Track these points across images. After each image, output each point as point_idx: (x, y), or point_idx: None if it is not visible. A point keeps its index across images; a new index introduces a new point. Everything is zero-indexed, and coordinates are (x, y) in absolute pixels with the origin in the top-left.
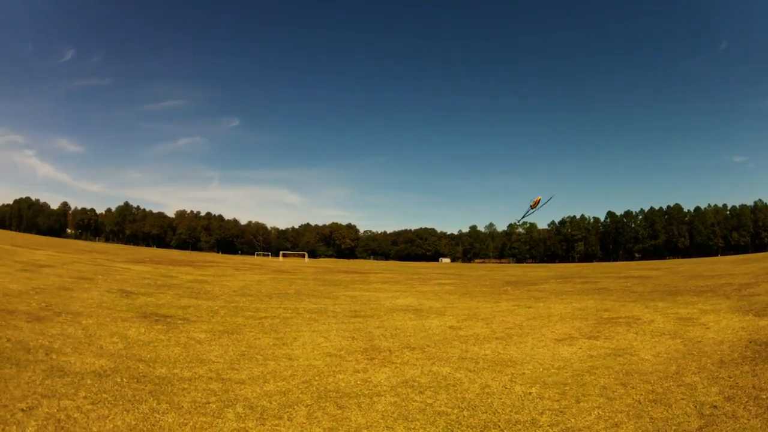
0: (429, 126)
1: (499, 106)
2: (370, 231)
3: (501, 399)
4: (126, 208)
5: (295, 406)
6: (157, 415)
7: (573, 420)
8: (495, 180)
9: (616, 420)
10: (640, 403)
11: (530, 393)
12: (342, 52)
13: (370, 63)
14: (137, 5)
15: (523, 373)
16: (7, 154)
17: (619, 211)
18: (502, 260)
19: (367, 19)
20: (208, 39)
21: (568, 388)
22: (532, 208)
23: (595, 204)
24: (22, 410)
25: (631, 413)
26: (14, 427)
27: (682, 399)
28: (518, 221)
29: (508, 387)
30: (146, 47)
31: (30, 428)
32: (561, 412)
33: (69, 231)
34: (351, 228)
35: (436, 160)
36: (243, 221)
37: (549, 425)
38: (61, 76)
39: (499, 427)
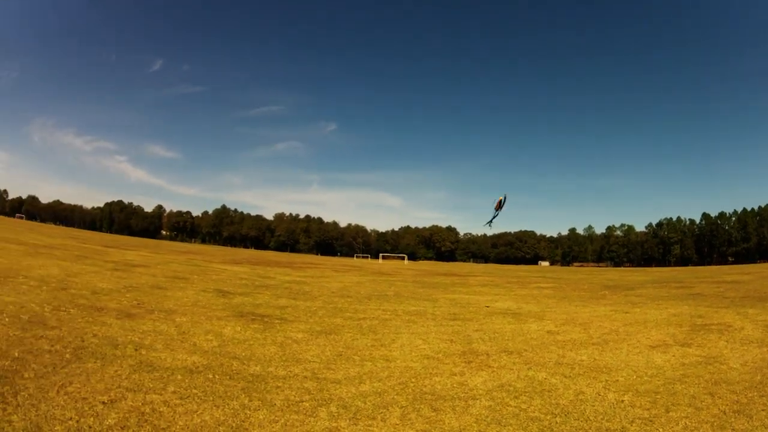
0: (528, 127)
1: (598, 105)
2: (469, 233)
3: (594, 406)
4: (223, 210)
5: (390, 407)
6: (248, 412)
7: (661, 430)
8: (594, 180)
9: (702, 430)
10: (725, 414)
11: (622, 401)
12: (439, 55)
13: (468, 65)
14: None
15: (617, 380)
16: (98, 160)
17: (713, 212)
18: (600, 264)
19: (465, 19)
20: (303, 45)
21: (659, 396)
22: (496, 210)
23: (691, 204)
24: (103, 403)
25: (715, 424)
26: (91, 419)
27: (763, 410)
28: (487, 224)
29: (602, 394)
30: (238, 55)
31: (110, 420)
32: (650, 421)
33: (164, 233)
34: (451, 230)
35: (535, 161)
36: (342, 224)
37: None
38: (150, 85)
39: None
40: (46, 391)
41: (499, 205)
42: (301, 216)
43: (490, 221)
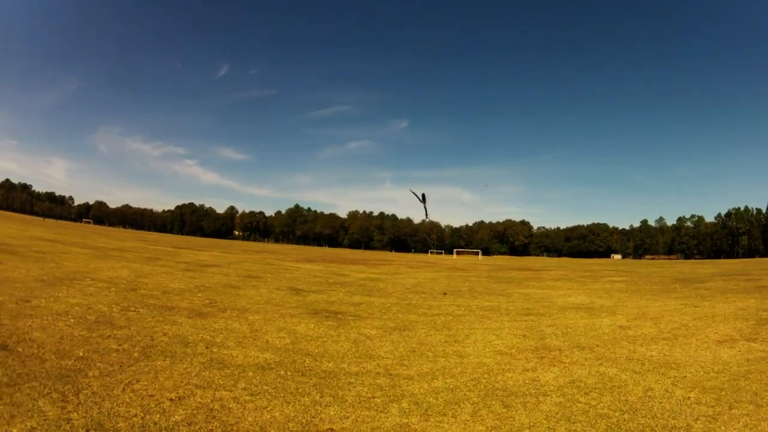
0: (599, 118)
1: (666, 94)
2: (543, 227)
3: (661, 403)
4: (296, 210)
5: (461, 404)
6: (319, 408)
7: (723, 428)
8: (664, 170)
9: (760, 429)
10: None
11: (689, 398)
12: (511, 48)
13: (543, 57)
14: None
15: (685, 377)
16: (167, 165)
17: None
18: (671, 256)
19: (538, 10)
20: (370, 43)
21: (723, 393)
22: (423, 203)
23: (758, 192)
24: (171, 400)
25: None
26: (157, 415)
27: None
28: (425, 218)
29: (670, 390)
30: (305, 57)
31: (177, 417)
32: (714, 418)
33: (236, 233)
34: (524, 225)
35: (607, 152)
36: (416, 220)
37: None
38: (217, 91)
39: None
40: (111, 389)
41: (423, 199)
42: (375, 213)
43: (425, 212)
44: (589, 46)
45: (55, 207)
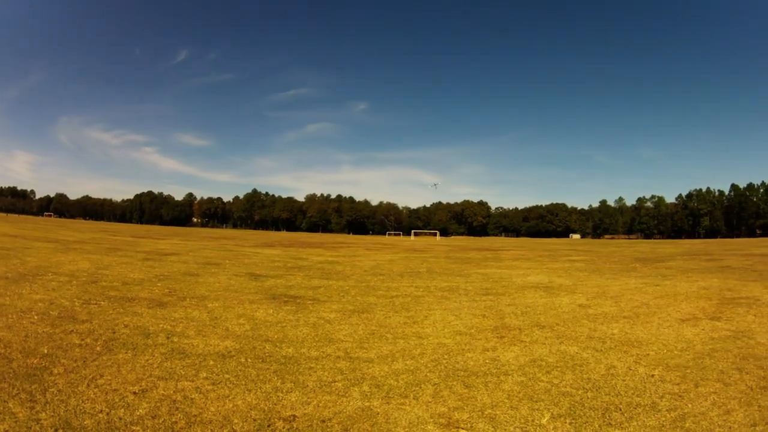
0: (560, 99)
1: (629, 76)
2: (501, 208)
3: (624, 381)
4: (254, 194)
5: (422, 385)
6: (280, 394)
7: (690, 405)
8: (625, 151)
9: (728, 407)
10: (752, 390)
11: (653, 375)
12: (470, 29)
13: (501, 38)
14: (249, 3)
15: (648, 354)
16: (127, 153)
17: (742, 183)
18: (631, 236)
19: None
20: (329, 26)
21: (688, 371)
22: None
23: (720, 174)
24: (134, 393)
25: (742, 400)
26: (122, 410)
27: None
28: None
29: (633, 368)
30: (264, 40)
31: (141, 410)
32: (680, 396)
33: (195, 220)
34: (482, 205)
35: (565, 133)
36: (375, 202)
37: (667, 410)
38: (176, 76)
39: (620, 410)
40: (76, 386)
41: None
42: (333, 196)
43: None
44: (549, 27)
45: (17, 201)
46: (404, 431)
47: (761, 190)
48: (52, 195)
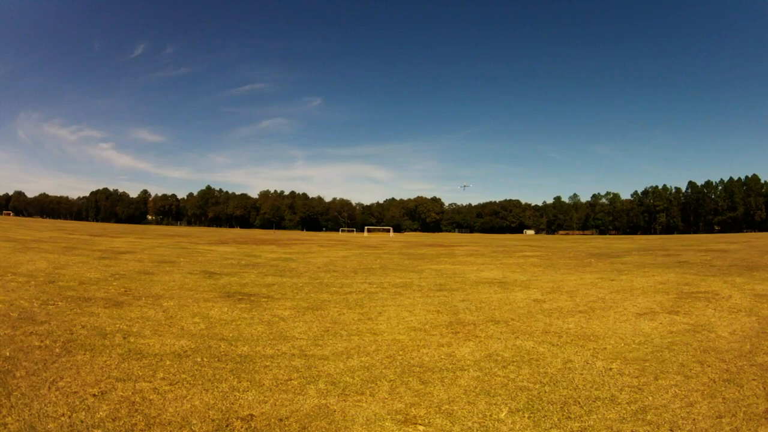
0: (514, 96)
1: (584, 73)
2: (455, 204)
3: (582, 375)
4: (208, 191)
5: (378, 382)
6: (237, 394)
7: (650, 398)
8: (580, 149)
9: (691, 399)
10: (715, 383)
11: (611, 369)
12: (424, 27)
13: (455, 33)
14: None
15: (605, 348)
16: (83, 149)
17: (699, 181)
18: (586, 232)
19: None
20: (285, 20)
21: (647, 364)
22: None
23: (678, 173)
24: (94, 395)
25: (705, 392)
26: (83, 413)
27: (754, 380)
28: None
29: (590, 362)
30: (221, 34)
31: (101, 413)
32: (639, 389)
33: (150, 217)
34: (435, 201)
35: (520, 130)
36: (330, 198)
37: (627, 402)
38: (134, 71)
39: (579, 403)
40: (38, 389)
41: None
42: (287, 193)
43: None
44: (506, 25)
45: None
46: (362, 428)
47: (719, 188)
48: (10, 193)
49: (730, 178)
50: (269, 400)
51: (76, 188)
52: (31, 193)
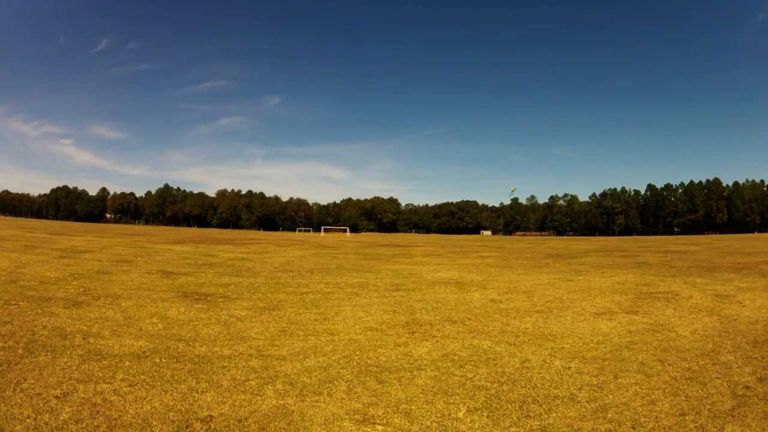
0: (472, 97)
1: (542, 75)
2: (411, 204)
3: (540, 374)
4: (166, 190)
5: (336, 382)
6: (196, 395)
7: (611, 396)
8: (538, 150)
9: (652, 397)
10: (677, 381)
11: (569, 368)
12: (385, 26)
13: (414, 34)
14: None
15: (563, 348)
16: (44, 145)
17: (659, 184)
18: (543, 233)
19: None
20: (246, 17)
21: (606, 363)
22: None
23: (636, 176)
24: (57, 397)
25: (667, 390)
26: (47, 415)
27: (717, 378)
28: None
29: (548, 361)
30: (183, 30)
31: (64, 415)
32: (599, 387)
33: (108, 216)
34: (392, 202)
35: (477, 131)
36: (287, 198)
37: (587, 401)
38: (96, 66)
39: (538, 402)
40: (3, 391)
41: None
42: (244, 192)
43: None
44: (468, 25)
45: None
46: (320, 428)
47: (680, 191)
48: None
49: (691, 182)
50: (228, 400)
51: (39, 185)
52: None
